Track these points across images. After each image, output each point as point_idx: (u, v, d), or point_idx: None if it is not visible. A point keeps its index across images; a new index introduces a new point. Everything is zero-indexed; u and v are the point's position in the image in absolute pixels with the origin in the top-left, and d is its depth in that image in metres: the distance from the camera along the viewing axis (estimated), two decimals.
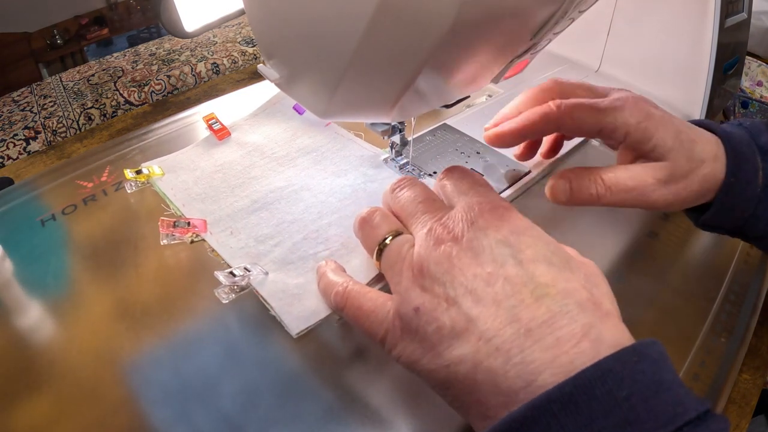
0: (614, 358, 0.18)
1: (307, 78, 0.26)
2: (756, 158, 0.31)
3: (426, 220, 0.25)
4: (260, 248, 0.34)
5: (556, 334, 0.20)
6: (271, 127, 0.46)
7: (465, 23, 0.18)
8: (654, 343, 0.19)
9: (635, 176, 0.30)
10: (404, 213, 0.27)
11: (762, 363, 0.34)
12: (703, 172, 0.30)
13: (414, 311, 0.22)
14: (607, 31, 0.55)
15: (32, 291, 0.32)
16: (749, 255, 0.39)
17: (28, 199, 0.40)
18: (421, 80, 0.22)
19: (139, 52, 0.77)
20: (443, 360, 0.21)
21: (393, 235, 0.26)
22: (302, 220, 0.36)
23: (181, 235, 0.35)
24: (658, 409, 0.17)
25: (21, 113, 0.63)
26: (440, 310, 0.22)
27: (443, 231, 0.24)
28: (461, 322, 0.21)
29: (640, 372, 0.18)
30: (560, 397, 0.18)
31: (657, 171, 0.30)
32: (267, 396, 0.27)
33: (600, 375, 0.18)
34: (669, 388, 0.18)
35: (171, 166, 0.41)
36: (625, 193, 0.30)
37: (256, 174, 0.41)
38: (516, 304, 0.21)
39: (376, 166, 0.42)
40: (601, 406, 0.17)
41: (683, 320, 0.33)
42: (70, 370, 0.28)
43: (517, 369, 0.19)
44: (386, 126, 0.36)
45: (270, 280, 0.32)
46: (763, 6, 0.81)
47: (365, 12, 0.18)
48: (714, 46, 0.47)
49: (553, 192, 0.32)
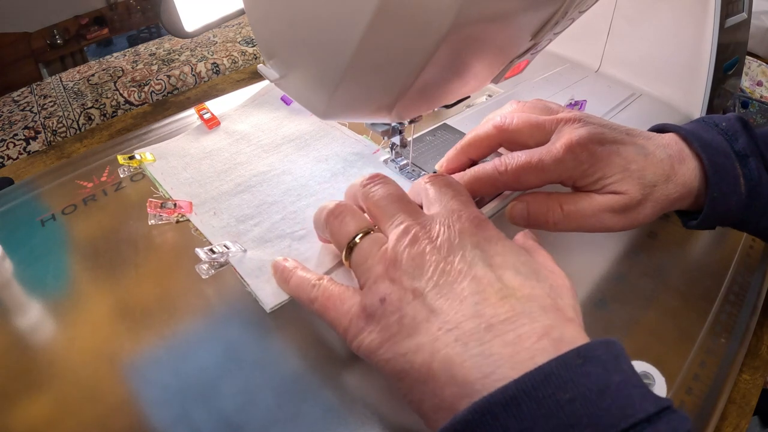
0: (557, 361, 0.18)
1: (307, 78, 0.26)
2: (735, 167, 0.31)
3: (403, 219, 0.25)
4: (240, 227, 0.36)
5: (518, 331, 0.20)
6: (259, 116, 0.48)
7: (465, 23, 0.18)
8: (607, 344, 0.19)
9: (592, 205, 0.30)
10: (377, 209, 0.27)
11: (762, 363, 0.34)
12: (655, 196, 0.30)
13: (380, 301, 0.23)
14: (607, 31, 0.55)
15: (32, 291, 0.32)
16: (749, 255, 0.39)
17: (28, 199, 0.40)
18: (421, 80, 0.22)
19: (139, 52, 0.77)
20: (401, 348, 0.21)
21: (363, 233, 0.26)
22: (282, 202, 0.38)
23: (168, 215, 0.37)
24: (602, 412, 0.17)
25: (21, 113, 0.63)
26: (405, 301, 0.22)
27: (420, 230, 0.24)
28: (423, 313, 0.22)
29: (584, 375, 0.18)
30: (503, 399, 0.18)
31: (612, 202, 0.30)
32: (267, 396, 0.27)
33: (543, 378, 0.18)
34: (617, 390, 0.18)
35: (162, 153, 0.43)
36: (581, 220, 0.31)
37: (242, 160, 0.43)
38: (480, 301, 0.21)
39: (363, 157, 0.43)
40: (543, 410, 0.17)
41: (683, 320, 0.33)
42: (70, 370, 0.28)
43: (474, 360, 0.20)
44: (386, 126, 0.36)
45: (248, 258, 0.33)
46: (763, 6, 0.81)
47: (365, 12, 0.18)
48: (714, 46, 0.47)
49: (512, 215, 0.33)
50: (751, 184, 0.31)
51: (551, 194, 0.32)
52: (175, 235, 0.36)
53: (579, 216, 0.31)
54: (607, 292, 0.34)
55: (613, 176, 0.30)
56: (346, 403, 0.27)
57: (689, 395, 0.29)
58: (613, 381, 0.18)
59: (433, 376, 0.20)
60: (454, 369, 0.20)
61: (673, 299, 0.34)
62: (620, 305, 0.33)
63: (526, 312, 0.21)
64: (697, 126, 0.33)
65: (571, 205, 0.31)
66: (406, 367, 0.21)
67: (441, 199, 0.27)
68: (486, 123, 0.34)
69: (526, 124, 0.32)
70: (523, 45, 0.24)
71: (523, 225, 0.32)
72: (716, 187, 0.30)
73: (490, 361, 0.19)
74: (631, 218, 0.31)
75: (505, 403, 0.17)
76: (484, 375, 0.19)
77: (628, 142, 0.31)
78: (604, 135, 0.31)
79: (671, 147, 0.32)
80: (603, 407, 0.17)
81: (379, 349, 0.22)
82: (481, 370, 0.19)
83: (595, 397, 0.17)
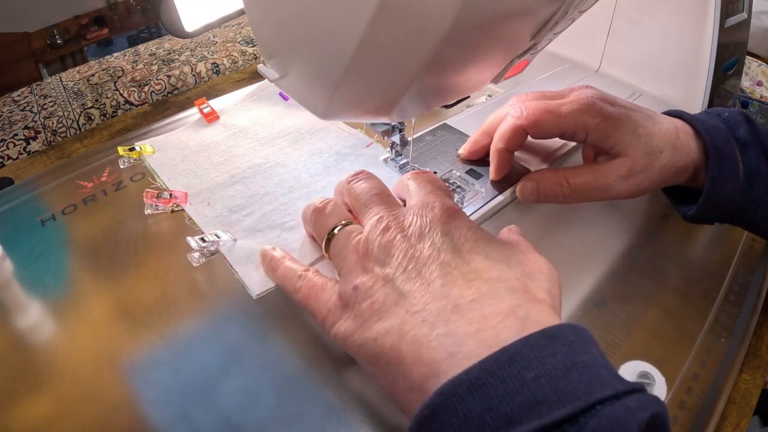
0: (522, 341, 0.18)
1: (307, 78, 0.26)
2: (735, 152, 0.32)
3: (378, 211, 0.26)
4: (233, 217, 0.37)
5: (483, 311, 0.20)
6: (257, 111, 0.49)
7: (465, 23, 0.18)
8: (575, 328, 0.20)
9: (598, 176, 0.32)
10: (357, 203, 0.28)
11: (762, 363, 0.34)
12: (661, 162, 0.32)
13: (353, 289, 0.24)
14: (607, 31, 0.55)
15: (32, 291, 0.32)
16: (749, 255, 0.39)
17: (28, 199, 0.40)
18: (421, 80, 0.22)
19: (139, 52, 0.77)
20: (372, 333, 0.22)
21: (342, 225, 0.27)
22: (274, 193, 0.39)
23: (164, 205, 0.38)
24: (570, 388, 0.17)
25: (21, 113, 0.63)
26: (376, 287, 0.23)
27: (393, 220, 0.25)
28: (392, 297, 0.22)
29: (550, 354, 0.18)
30: (467, 380, 0.18)
31: (618, 168, 0.32)
32: (267, 395, 0.27)
33: (507, 358, 0.18)
34: (585, 368, 0.18)
35: (162, 145, 0.44)
36: (589, 192, 0.33)
37: (238, 153, 0.44)
38: (446, 283, 0.22)
39: (356, 150, 0.44)
40: (509, 388, 0.17)
41: (683, 320, 0.33)
42: (70, 370, 0.28)
43: (440, 339, 0.20)
44: (386, 126, 0.36)
45: (238, 246, 0.34)
46: (763, 6, 0.80)
47: (365, 12, 0.18)
48: (714, 46, 0.47)
49: (523, 193, 0.35)
50: (749, 171, 0.31)
51: (558, 170, 0.34)
52: (169, 224, 0.37)
53: (586, 188, 0.33)
54: (607, 292, 0.34)
55: (624, 137, 0.32)
56: (346, 403, 0.27)
57: (689, 395, 0.29)
58: (580, 360, 0.18)
59: (402, 358, 0.20)
60: (421, 350, 0.20)
61: (673, 299, 0.34)
62: (620, 305, 0.33)
63: (492, 293, 0.21)
64: (701, 114, 0.34)
65: (576, 178, 0.33)
66: (377, 351, 0.21)
67: (419, 192, 0.28)
68: (504, 116, 0.36)
69: (543, 111, 0.34)
70: (523, 45, 0.24)
71: (534, 201, 0.35)
72: (716, 168, 0.31)
73: (456, 340, 0.20)
74: (636, 183, 0.32)
75: (470, 385, 0.18)
76: (450, 354, 0.19)
77: (636, 109, 0.33)
78: (614, 99, 0.33)
79: (676, 122, 0.33)
80: (570, 383, 0.17)
81: (353, 335, 0.23)
82: (447, 349, 0.19)
83: (561, 374, 0.17)
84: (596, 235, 0.38)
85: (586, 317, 0.32)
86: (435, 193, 0.27)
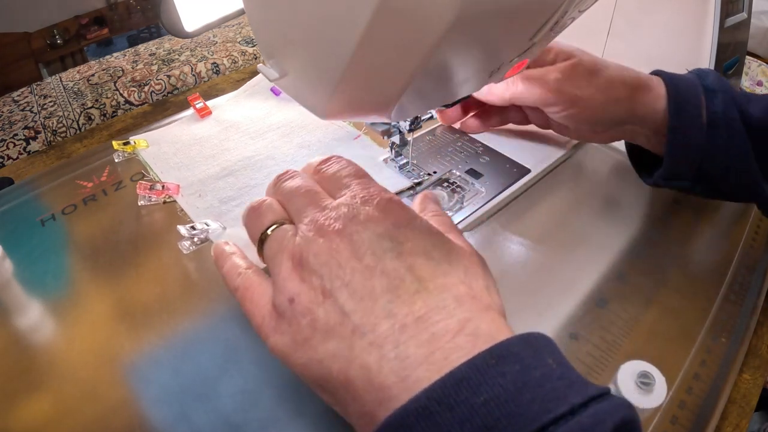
0: (469, 364, 0.17)
1: (307, 78, 0.26)
2: (699, 97, 0.32)
3: (309, 211, 0.24)
4: (223, 208, 0.38)
5: (432, 330, 0.19)
6: (249, 106, 0.50)
7: (465, 23, 0.18)
8: (527, 339, 0.19)
9: (540, 75, 0.36)
10: (287, 203, 0.26)
11: (762, 363, 0.34)
12: (609, 73, 0.34)
13: (289, 302, 0.22)
14: (607, 31, 0.55)
15: (32, 291, 0.32)
16: (749, 255, 0.39)
17: (28, 199, 0.40)
18: (421, 80, 0.22)
19: (139, 52, 0.77)
20: (317, 354, 0.21)
21: (277, 225, 0.25)
22: (263, 185, 0.40)
23: (156, 197, 0.39)
24: (521, 410, 0.16)
25: (21, 113, 0.63)
26: (315, 303, 0.21)
27: (325, 222, 0.23)
28: (336, 316, 0.21)
29: (499, 375, 0.17)
30: (415, 409, 0.17)
31: (562, 67, 0.36)
32: (267, 394, 0.27)
33: (454, 383, 0.17)
34: (538, 385, 0.17)
35: (156, 140, 0.46)
36: (529, 84, 0.37)
37: (229, 146, 0.45)
38: (392, 299, 0.20)
39: (344, 143, 0.45)
40: (457, 416, 0.16)
41: (683, 320, 0.33)
42: (70, 369, 0.28)
43: (391, 365, 0.19)
44: (386, 126, 0.36)
45: (227, 234, 0.35)
46: (763, 6, 0.80)
47: (365, 12, 0.18)
48: (714, 46, 0.47)
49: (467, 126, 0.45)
50: (713, 116, 0.32)
51: None
52: (162, 215, 0.38)
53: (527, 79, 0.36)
54: (607, 292, 0.34)
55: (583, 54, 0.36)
56: None
57: (689, 395, 0.29)
58: (533, 377, 0.17)
59: (352, 383, 0.20)
60: (371, 375, 0.19)
61: (673, 299, 0.34)
62: (620, 305, 0.33)
63: (440, 306, 0.20)
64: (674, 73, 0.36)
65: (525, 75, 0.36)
66: (323, 374, 0.20)
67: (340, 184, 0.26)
68: None
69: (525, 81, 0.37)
70: (523, 44, 0.24)
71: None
72: (676, 115, 0.32)
73: (406, 363, 0.19)
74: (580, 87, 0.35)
75: (417, 414, 0.17)
76: (400, 379, 0.18)
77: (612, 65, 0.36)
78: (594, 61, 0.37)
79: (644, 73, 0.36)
80: (522, 404, 0.16)
81: (294, 353, 0.21)
82: (397, 374, 0.19)
83: (511, 396, 0.17)
84: (596, 235, 0.38)
85: (586, 317, 0.32)
86: (358, 182, 0.26)
